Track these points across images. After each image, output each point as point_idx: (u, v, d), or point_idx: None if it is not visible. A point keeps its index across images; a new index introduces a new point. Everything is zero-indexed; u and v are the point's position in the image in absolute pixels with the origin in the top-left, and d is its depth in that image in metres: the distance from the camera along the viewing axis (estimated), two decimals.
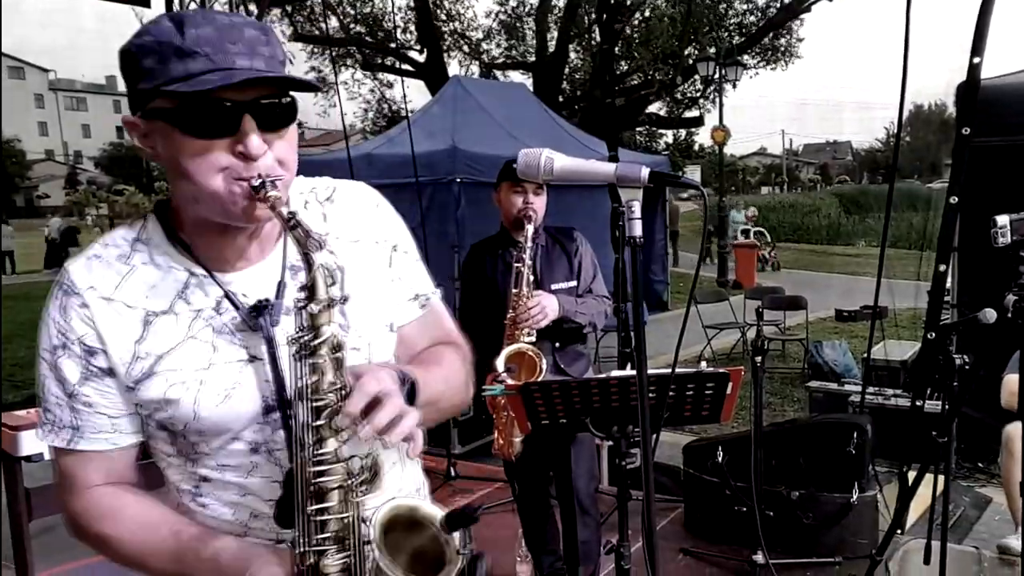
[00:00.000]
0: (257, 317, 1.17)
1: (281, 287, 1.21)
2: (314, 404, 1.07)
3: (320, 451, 1.07)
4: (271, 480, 1.19)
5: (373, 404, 1.05)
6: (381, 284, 1.31)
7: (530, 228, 2.95)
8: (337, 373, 1.08)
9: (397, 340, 1.34)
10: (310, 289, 1.06)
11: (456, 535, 1.11)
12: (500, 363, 2.84)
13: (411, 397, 1.16)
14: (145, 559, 1.19)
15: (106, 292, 1.17)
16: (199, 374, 1.16)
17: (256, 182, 1.07)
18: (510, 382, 2.63)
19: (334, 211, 1.30)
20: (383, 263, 1.32)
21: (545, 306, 2.93)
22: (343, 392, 1.07)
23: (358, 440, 1.08)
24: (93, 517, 1.20)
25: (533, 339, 2.91)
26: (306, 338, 1.07)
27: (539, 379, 2.79)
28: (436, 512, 1.14)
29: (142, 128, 1.12)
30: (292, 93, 1.13)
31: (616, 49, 16.01)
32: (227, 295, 1.18)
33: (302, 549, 1.08)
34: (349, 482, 1.10)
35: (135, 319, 1.16)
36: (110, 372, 1.16)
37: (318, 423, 1.07)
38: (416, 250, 1.40)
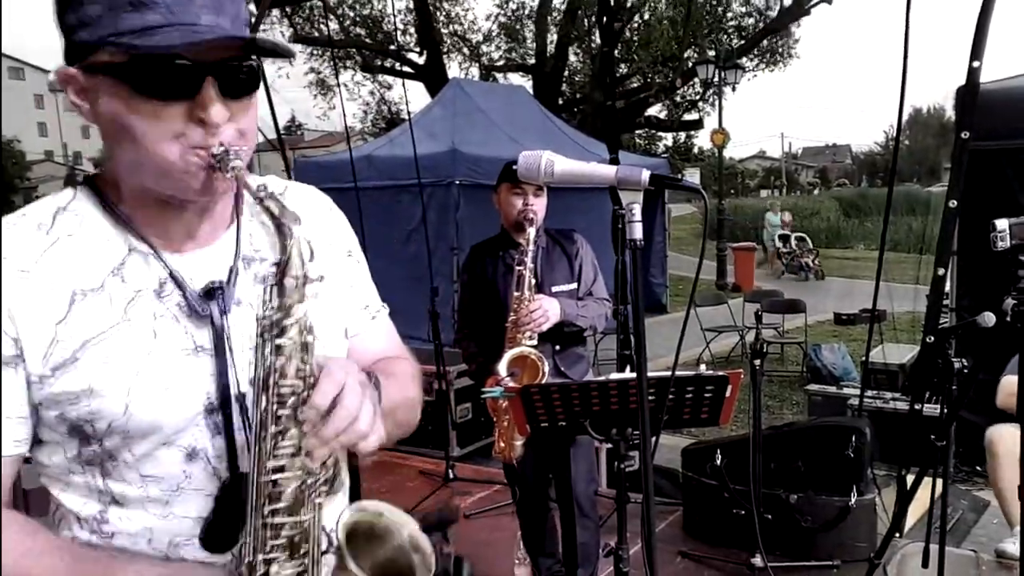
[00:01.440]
0: (207, 302, 1.05)
1: (233, 274, 1.08)
2: (279, 390, 0.94)
3: (281, 443, 0.94)
4: (204, 494, 1.04)
5: (340, 397, 0.95)
6: (335, 288, 1.19)
7: (532, 231, 2.94)
8: (304, 359, 0.95)
9: (348, 350, 1.24)
10: (284, 264, 0.93)
11: (431, 540, 1.04)
12: (503, 367, 2.83)
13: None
14: None
15: (23, 264, 0.99)
16: (135, 363, 1.00)
17: (218, 150, 0.96)
18: (512, 385, 2.63)
19: None
20: (337, 267, 1.22)
21: (547, 309, 2.92)
22: (310, 380, 0.95)
23: (320, 437, 0.94)
24: None
25: (535, 342, 2.91)
26: (276, 317, 0.94)
27: (540, 382, 2.78)
28: (403, 519, 1.05)
29: (81, 82, 0.98)
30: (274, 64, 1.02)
31: (616, 52, 16.00)
32: (172, 276, 1.04)
33: (250, 558, 0.95)
34: (309, 481, 0.97)
35: (58, 296, 0.99)
36: (15, 359, 0.98)
37: (282, 412, 0.94)
38: (365, 262, 1.30)
